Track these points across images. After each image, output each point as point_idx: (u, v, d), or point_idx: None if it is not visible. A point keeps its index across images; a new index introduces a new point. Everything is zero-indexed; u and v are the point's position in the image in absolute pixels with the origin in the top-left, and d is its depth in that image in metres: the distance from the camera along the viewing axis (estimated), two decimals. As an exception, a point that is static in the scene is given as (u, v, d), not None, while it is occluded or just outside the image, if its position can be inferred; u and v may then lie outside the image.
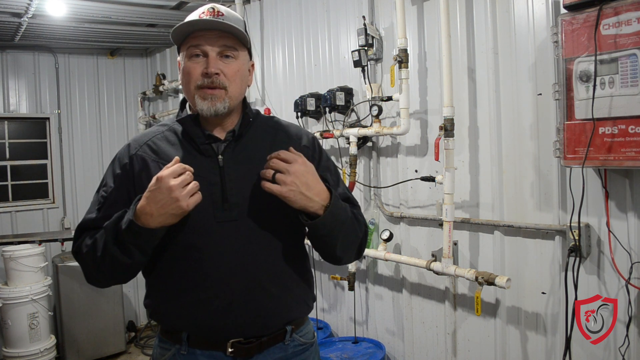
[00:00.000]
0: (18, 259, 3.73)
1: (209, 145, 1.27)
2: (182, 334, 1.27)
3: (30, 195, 4.59)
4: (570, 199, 1.94)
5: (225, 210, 1.23)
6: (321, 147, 1.44)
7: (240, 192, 1.25)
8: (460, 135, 2.40)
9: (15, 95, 4.49)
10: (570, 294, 1.94)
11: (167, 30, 4.19)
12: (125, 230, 1.15)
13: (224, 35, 1.23)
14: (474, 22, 2.35)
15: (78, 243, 1.28)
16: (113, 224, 1.19)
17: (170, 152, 1.27)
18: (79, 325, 4.02)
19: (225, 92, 1.23)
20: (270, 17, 3.59)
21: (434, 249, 2.49)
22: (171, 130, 1.32)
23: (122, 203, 1.25)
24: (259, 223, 1.25)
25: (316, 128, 3.23)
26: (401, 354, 2.88)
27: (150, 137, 1.32)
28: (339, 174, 1.45)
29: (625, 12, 1.64)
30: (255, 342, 1.26)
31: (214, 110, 1.23)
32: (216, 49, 1.23)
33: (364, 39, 2.74)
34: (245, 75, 1.31)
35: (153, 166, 1.25)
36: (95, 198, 1.31)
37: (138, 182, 1.25)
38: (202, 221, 1.22)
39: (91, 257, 1.23)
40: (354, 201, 1.44)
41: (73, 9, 3.43)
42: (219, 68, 1.22)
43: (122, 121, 5.04)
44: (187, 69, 1.24)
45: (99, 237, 1.21)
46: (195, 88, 1.23)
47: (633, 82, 1.64)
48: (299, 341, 1.35)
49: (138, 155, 1.28)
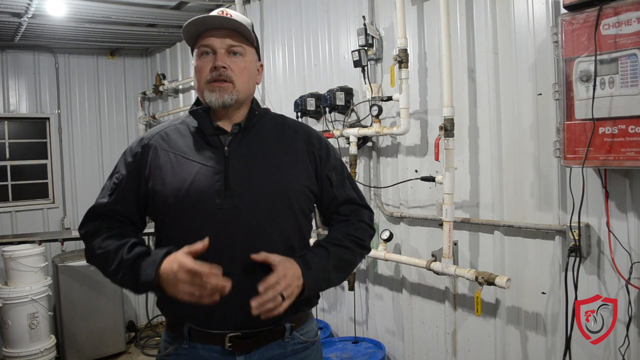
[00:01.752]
0: (18, 259, 3.73)
1: (216, 136, 1.33)
2: (184, 327, 1.30)
3: (30, 195, 4.59)
4: (570, 199, 1.94)
5: (227, 197, 1.27)
6: (329, 146, 1.47)
7: (243, 182, 1.28)
8: (460, 135, 2.40)
9: (15, 95, 4.49)
10: (570, 294, 1.94)
11: (167, 30, 4.20)
12: (142, 284, 1.23)
13: (232, 34, 1.31)
14: (474, 22, 2.35)
15: (90, 232, 1.34)
16: (131, 264, 1.24)
17: (180, 143, 1.34)
18: (79, 325, 4.02)
19: (232, 86, 1.30)
20: (270, 17, 3.59)
21: (434, 249, 2.49)
22: (183, 123, 1.39)
23: (133, 189, 1.33)
24: (259, 212, 1.28)
25: (316, 128, 3.22)
26: (401, 354, 2.88)
27: (163, 128, 1.39)
28: (345, 173, 1.47)
29: (625, 12, 1.64)
30: (252, 338, 1.28)
31: (221, 101, 1.29)
32: (224, 46, 1.30)
33: (364, 39, 2.74)
34: (253, 73, 1.38)
35: (163, 155, 1.32)
36: (107, 184, 1.38)
37: (149, 170, 1.32)
38: (204, 207, 1.26)
39: (101, 265, 1.31)
40: (358, 200, 1.46)
41: (73, 9, 3.43)
42: (226, 63, 1.29)
43: (122, 121, 5.04)
44: (198, 67, 1.32)
45: (112, 254, 1.27)
46: (205, 83, 1.31)
47: (633, 82, 1.64)
48: (299, 339, 1.35)
49: (150, 144, 1.34)
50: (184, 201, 1.26)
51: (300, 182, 1.35)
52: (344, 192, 1.43)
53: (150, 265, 1.21)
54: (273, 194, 1.29)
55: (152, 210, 1.34)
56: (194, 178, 1.27)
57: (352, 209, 1.44)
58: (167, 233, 1.32)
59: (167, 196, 1.28)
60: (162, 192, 1.28)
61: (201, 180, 1.27)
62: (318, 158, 1.39)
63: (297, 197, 1.34)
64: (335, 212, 1.44)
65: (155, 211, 1.33)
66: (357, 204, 1.46)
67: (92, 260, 1.34)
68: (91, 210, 1.37)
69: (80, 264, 4.01)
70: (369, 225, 1.46)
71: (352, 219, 1.43)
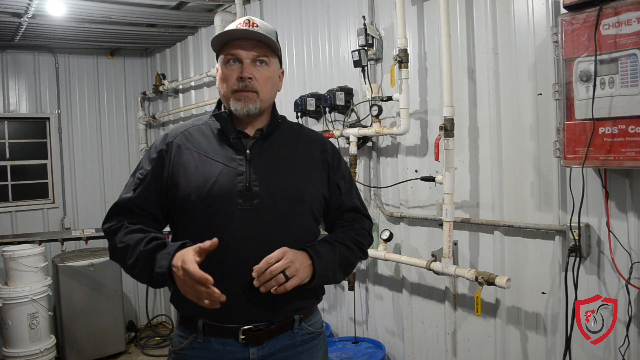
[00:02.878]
0: (18, 259, 3.73)
1: (239, 140, 1.39)
2: (198, 322, 1.34)
3: (30, 195, 4.59)
4: (570, 199, 1.94)
5: (248, 198, 1.32)
6: (340, 155, 1.56)
7: (264, 184, 1.35)
8: (460, 135, 2.40)
9: (15, 95, 4.49)
10: (570, 294, 1.94)
11: (167, 30, 4.20)
12: (156, 276, 1.27)
13: (258, 45, 1.36)
14: (474, 22, 2.35)
15: (113, 227, 1.37)
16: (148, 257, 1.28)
17: (203, 143, 1.39)
18: (79, 325, 4.02)
19: (257, 95, 1.36)
20: (270, 17, 3.59)
21: (434, 249, 2.49)
22: (206, 125, 1.44)
23: (156, 185, 1.37)
24: (277, 214, 1.34)
25: (316, 128, 3.22)
26: (401, 354, 2.88)
27: (186, 127, 1.44)
28: (352, 182, 1.57)
29: (625, 12, 1.64)
30: (264, 330, 1.33)
31: (246, 110, 1.35)
32: (250, 56, 1.35)
33: (364, 39, 2.74)
34: (276, 81, 1.44)
35: (186, 153, 1.37)
36: (131, 180, 1.42)
37: (173, 166, 1.37)
38: (226, 206, 1.32)
39: (121, 260, 1.34)
40: (362, 210, 1.55)
41: (73, 9, 3.44)
42: (252, 73, 1.35)
43: (122, 121, 5.04)
44: (225, 75, 1.37)
45: (131, 248, 1.30)
46: (231, 92, 1.36)
47: (633, 82, 1.64)
48: (307, 330, 1.42)
49: (174, 143, 1.40)
50: (206, 199, 1.31)
51: (315, 188, 1.43)
52: (350, 200, 1.52)
53: (164, 257, 1.25)
54: (291, 197, 1.36)
55: (172, 206, 1.38)
56: (217, 177, 1.33)
57: (356, 217, 1.53)
58: (186, 230, 1.36)
59: (190, 193, 1.32)
60: (186, 189, 1.33)
61: (224, 180, 1.33)
62: (331, 166, 1.48)
63: (312, 202, 1.41)
64: (340, 218, 1.52)
65: (176, 207, 1.37)
66: (361, 213, 1.55)
67: (114, 255, 1.37)
68: (115, 205, 1.40)
69: (80, 264, 4.02)
70: (369, 234, 1.55)
71: (355, 225, 1.51)
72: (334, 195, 1.48)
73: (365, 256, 1.53)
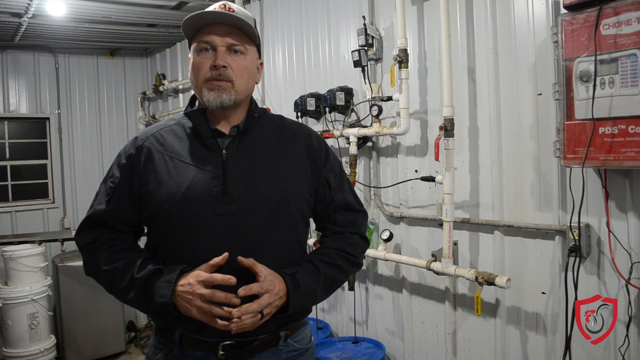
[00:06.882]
0: (18, 259, 3.73)
1: (213, 139, 1.28)
2: (175, 333, 1.25)
3: (30, 195, 4.59)
4: (570, 199, 1.94)
5: (225, 203, 1.22)
6: (328, 147, 1.43)
7: (242, 187, 1.24)
8: (460, 135, 2.40)
9: (15, 95, 4.49)
10: (570, 294, 1.94)
11: (167, 30, 4.20)
12: (157, 305, 1.18)
13: (233, 31, 1.25)
14: (474, 22, 2.35)
15: (92, 246, 1.28)
16: (143, 284, 1.20)
17: (175, 145, 1.28)
18: (79, 325, 4.02)
19: (231, 85, 1.24)
20: (270, 17, 3.59)
21: (434, 249, 2.49)
22: (179, 124, 1.33)
23: (129, 193, 1.27)
24: (258, 219, 1.24)
25: (316, 128, 3.22)
26: (401, 354, 2.88)
27: (158, 129, 1.33)
28: (344, 176, 1.44)
29: (625, 12, 1.64)
30: (247, 346, 1.23)
31: (219, 101, 1.24)
32: (225, 44, 1.24)
33: (364, 39, 2.74)
34: (253, 72, 1.32)
35: (158, 157, 1.27)
36: (102, 188, 1.32)
37: (143, 173, 1.26)
38: (201, 213, 1.21)
39: (106, 282, 1.27)
40: (355, 205, 1.43)
41: (73, 9, 3.43)
42: (227, 62, 1.24)
43: (122, 121, 5.04)
44: (196, 63, 1.26)
45: (119, 272, 1.22)
46: (203, 81, 1.25)
47: (633, 82, 1.64)
48: (293, 347, 1.31)
49: (144, 147, 1.29)
50: (180, 206, 1.21)
51: (300, 188, 1.31)
52: (342, 196, 1.39)
53: (164, 286, 1.17)
54: (273, 200, 1.25)
55: (146, 215, 1.28)
56: (190, 182, 1.22)
57: (349, 219, 1.41)
58: (162, 239, 1.27)
59: (162, 201, 1.22)
60: (158, 197, 1.23)
61: (198, 185, 1.22)
62: (318, 160, 1.36)
63: (297, 204, 1.30)
64: (332, 219, 1.40)
65: (150, 216, 1.27)
66: (355, 210, 1.42)
67: (96, 275, 1.28)
68: (88, 217, 1.31)
69: (80, 264, 4.00)
70: (364, 239, 1.43)
71: (347, 232, 1.39)
72: (323, 191, 1.36)
73: (358, 268, 1.41)
